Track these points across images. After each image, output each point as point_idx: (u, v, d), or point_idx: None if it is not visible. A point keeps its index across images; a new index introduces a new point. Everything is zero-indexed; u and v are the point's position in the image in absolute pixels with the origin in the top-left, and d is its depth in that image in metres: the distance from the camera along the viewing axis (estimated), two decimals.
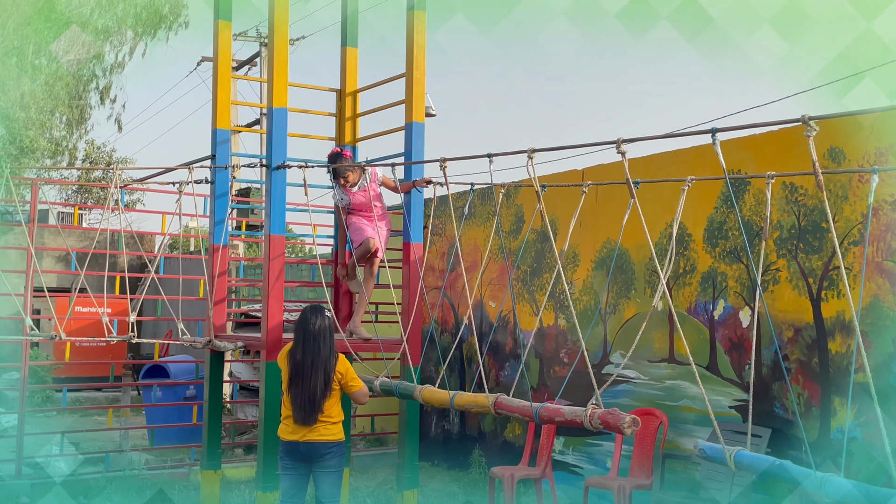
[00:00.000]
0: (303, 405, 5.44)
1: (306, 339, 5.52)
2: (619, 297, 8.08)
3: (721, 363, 7.06)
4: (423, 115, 7.12)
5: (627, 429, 3.85)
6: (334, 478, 5.58)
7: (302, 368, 5.47)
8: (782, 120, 2.92)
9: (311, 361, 5.47)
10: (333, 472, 5.56)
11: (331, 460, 5.53)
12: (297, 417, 5.47)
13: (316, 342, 5.50)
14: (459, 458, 9.92)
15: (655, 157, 7.76)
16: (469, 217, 9.99)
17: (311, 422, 5.45)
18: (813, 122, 2.69)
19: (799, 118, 2.69)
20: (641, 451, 7.20)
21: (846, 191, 6.25)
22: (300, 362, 5.48)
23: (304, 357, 5.48)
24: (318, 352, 5.49)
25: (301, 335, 5.55)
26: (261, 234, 9.82)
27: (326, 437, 5.51)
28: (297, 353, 5.52)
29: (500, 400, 4.73)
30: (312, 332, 5.52)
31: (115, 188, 6.06)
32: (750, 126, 3.17)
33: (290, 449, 5.55)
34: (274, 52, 6.71)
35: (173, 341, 7.11)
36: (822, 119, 2.73)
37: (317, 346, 5.49)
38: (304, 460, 5.55)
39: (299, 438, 5.49)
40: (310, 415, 5.44)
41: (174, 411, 10.56)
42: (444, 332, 10.39)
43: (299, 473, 5.59)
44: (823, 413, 6.26)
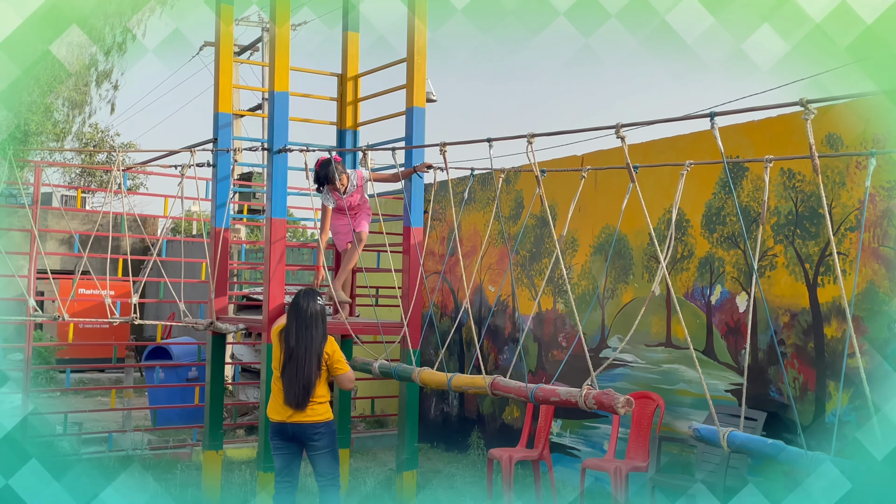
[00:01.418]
0: (296, 390, 5.44)
1: (299, 324, 5.51)
2: (618, 281, 8.07)
3: (718, 347, 7.06)
4: (424, 100, 7.08)
5: (621, 409, 3.87)
6: (328, 457, 5.58)
7: (295, 355, 5.46)
8: (781, 104, 2.90)
9: (304, 349, 5.46)
10: (326, 452, 5.56)
11: (320, 440, 5.52)
12: (289, 401, 5.47)
13: (308, 329, 5.49)
14: (458, 439, 9.94)
15: (655, 143, 7.73)
16: (469, 202, 9.97)
17: (300, 405, 5.45)
18: (812, 105, 2.68)
19: (798, 101, 2.67)
20: (638, 434, 7.21)
21: (843, 177, 6.23)
22: (293, 349, 5.48)
23: (298, 344, 5.47)
24: (311, 339, 5.48)
25: (293, 320, 5.53)
26: (262, 217, 9.80)
27: (313, 418, 5.50)
28: (291, 339, 5.50)
29: (497, 381, 4.73)
30: (305, 317, 5.51)
31: (117, 170, 6.03)
32: (748, 110, 3.15)
33: (278, 429, 5.56)
34: (275, 35, 6.67)
35: (175, 323, 7.09)
36: (821, 102, 2.72)
37: (309, 334, 5.49)
38: (293, 440, 5.56)
39: (286, 419, 5.49)
40: (303, 400, 5.45)
41: (176, 392, 10.58)
42: (444, 316, 10.39)
43: (290, 452, 5.60)
44: (818, 397, 6.26)
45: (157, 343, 11.51)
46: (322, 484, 5.61)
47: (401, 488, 6.90)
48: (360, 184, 6.89)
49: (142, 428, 9.74)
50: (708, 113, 3.05)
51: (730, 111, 3.08)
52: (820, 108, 6.44)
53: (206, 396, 7.47)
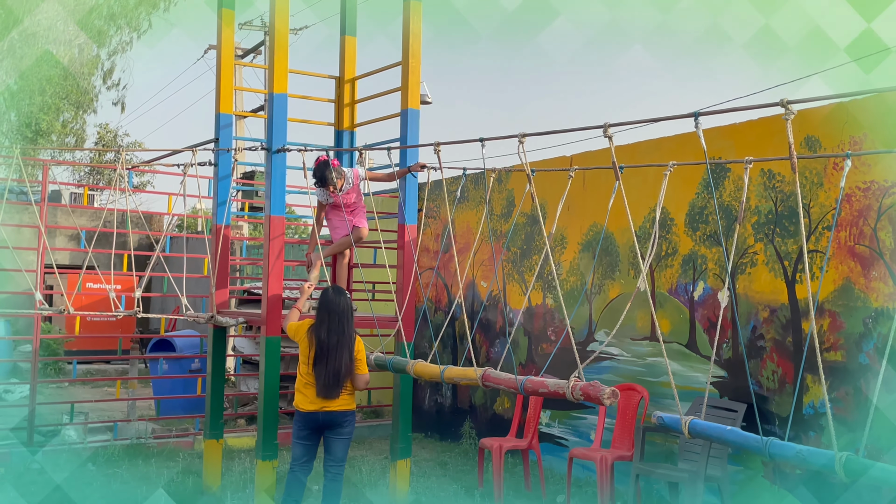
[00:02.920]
0: (328, 381, 5.53)
1: (331, 318, 5.58)
2: (605, 278, 8.04)
3: (700, 341, 7.04)
4: (419, 103, 7.05)
5: (607, 400, 3.86)
6: (346, 443, 5.73)
7: (328, 346, 5.54)
8: (761, 104, 2.87)
9: (336, 340, 5.55)
10: (346, 438, 5.71)
11: (346, 427, 5.68)
12: (321, 392, 5.55)
13: (341, 322, 5.59)
14: (451, 429, 9.91)
15: (641, 145, 7.71)
16: (462, 201, 9.94)
17: (334, 395, 5.55)
18: (791, 105, 2.65)
19: (778, 102, 2.64)
20: (623, 425, 7.19)
21: (821, 178, 6.21)
22: (325, 340, 5.55)
23: (330, 336, 5.55)
24: (343, 331, 5.58)
25: (325, 314, 5.60)
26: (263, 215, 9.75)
27: (344, 407, 5.65)
28: (322, 332, 5.57)
29: (488, 373, 4.71)
30: (337, 311, 5.60)
31: (122, 168, 5.98)
32: (731, 110, 3.13)
33: (309, 419, 5.63)
34: (275, 39, 6.63)
35: (177, 316, 7.05)
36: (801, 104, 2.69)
37: (342, 326, 5.58)
38: (319, 430, 5.67)
39: (318, 409, 5.59)
40: (334, 389, 5.55)
41: (180, 383, 10.53)
42: (438, 311, 10.36)
43: (313, 442, 5.72)
44: (796, 389, 6.24)
45: (161, 335, 11.45)
46: (332, 469, 5.69)
47: (394, 476, 6.87)
48: (356, 182, 6.86)
49: (146, 417, 9.69)
50: (692, 113, 3.02)
51: (713, 111, 3.06)
52: (799, 112, 6.43)
53: (208, 387, 7.43)
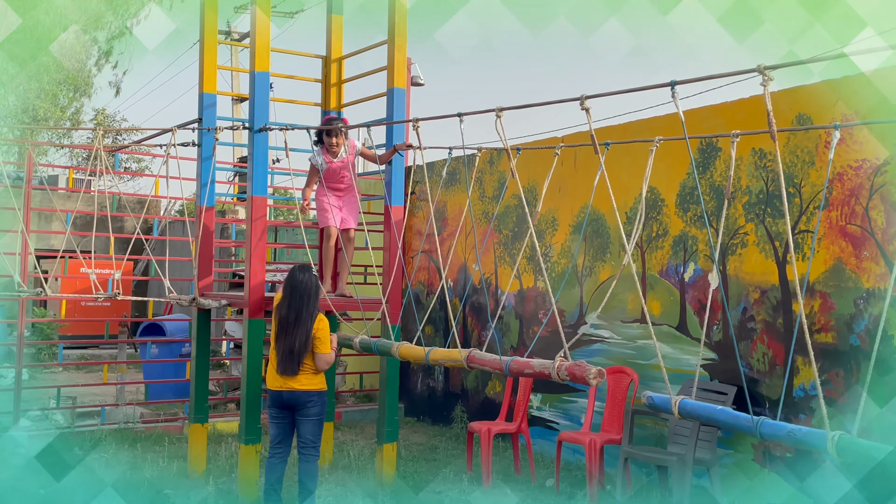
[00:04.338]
0: (285, 357, 5.50)
1: (293, 295, 5.55)
2: (595, 260, 7.91)
3: (691, 323, 6.92)
4: (405, 82, 6.91)
5: (593, 379, 3.75)
6: (314, 424, 5.63)
7: (286, 323, 5.52)
8: (738, 71, 2.74)
9: (294, 317, 5.51)
10: (314, 419, 5.62)
11: (312, 408, 5.59)
12: (279, 368, 5.53)
13: (301, 299, 5.54)
14: (443, 413, 9.81)
15: (631, 125, 7.56)
16: (455, 182, 9.79)
17: (290, 372, 5.50)
18: (768, 71, 2.51)
19: (755, 68, 2.51)
20: (613, 408, 7.08)
21: (813, 157, 6.06)
22: (285, 316, 5.53)
23: (289, 312, 5.53)
24: (302, 308, 5.52)
25: (288, 291, 5.58)
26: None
27: (307, 387, 5.56)
28: (283, 308, 5.56)
29: (473, 354, 4.59)
30: (299, 289, 5.55)
31: (99, 145, 5.82)
32: (707, 78, 2.99)
33: (274, 397, 5.61)
34: (256, 17, 6.47)
35: (159, 299, 6.92)
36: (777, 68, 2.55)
37: (302, 303, 5.53)
38: (287, 408, 5.62)
39: (281, 387, 5.55)
40: (289, 366, 5.50)
41: (170, 367, 10.41)
42: (430, 294, 10.23)
43: (285, 421, 5.66)
44: (787, 371, 6.12)
45: (150, 319, 11.33)
46: (303, 450, 5.63)
47: (381, 460, 6.77)
48: (352, 153, 6.74)
49: (134, 402, 9.58)
50: (668, 83, 2.89)
51: (690, 80, 2.92)
52: (791, 88, 6.27)
53: (193, 371, 7.31)
